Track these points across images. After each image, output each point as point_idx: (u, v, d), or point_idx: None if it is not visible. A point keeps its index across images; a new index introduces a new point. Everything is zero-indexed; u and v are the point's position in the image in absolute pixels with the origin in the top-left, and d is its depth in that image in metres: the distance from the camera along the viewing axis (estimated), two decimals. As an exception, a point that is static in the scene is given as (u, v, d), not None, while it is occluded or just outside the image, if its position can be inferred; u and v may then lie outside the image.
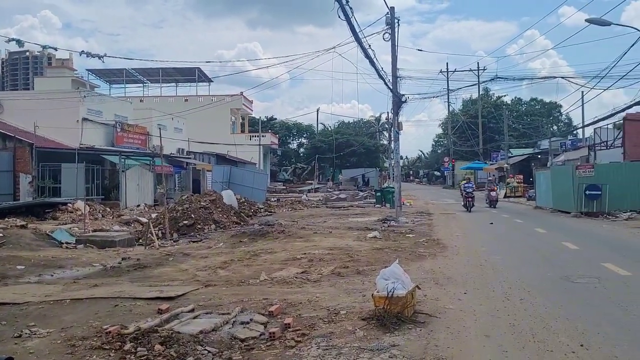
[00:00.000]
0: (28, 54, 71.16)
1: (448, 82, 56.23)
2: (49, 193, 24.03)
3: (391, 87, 21.58)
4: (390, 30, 20.63)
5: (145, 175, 28.12)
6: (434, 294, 7.41)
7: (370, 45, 17.98)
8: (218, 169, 34.54)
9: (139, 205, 25.97)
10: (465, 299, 7.11)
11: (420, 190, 59.15)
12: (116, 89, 56.48)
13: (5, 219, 16.57)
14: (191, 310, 6.45)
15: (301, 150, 78.61)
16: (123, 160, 26.42)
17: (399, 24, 21.02)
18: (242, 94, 54.13)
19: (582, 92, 37.42)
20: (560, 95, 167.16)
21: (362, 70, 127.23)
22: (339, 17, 12.39)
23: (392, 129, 23.13)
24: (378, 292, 6.03)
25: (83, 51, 16.95)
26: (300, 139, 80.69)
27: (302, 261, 10.52)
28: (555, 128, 71.88)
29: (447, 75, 57.47)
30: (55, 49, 23.00)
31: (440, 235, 14.95)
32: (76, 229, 16.63)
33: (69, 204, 21.12)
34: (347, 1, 12.37)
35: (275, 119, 77.21)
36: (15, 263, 10.51)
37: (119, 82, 55.26)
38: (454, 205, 29.61)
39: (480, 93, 64.95)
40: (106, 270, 10.31)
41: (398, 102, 22.20)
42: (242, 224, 19.02)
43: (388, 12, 20.56)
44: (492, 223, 18.86)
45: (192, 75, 53.12)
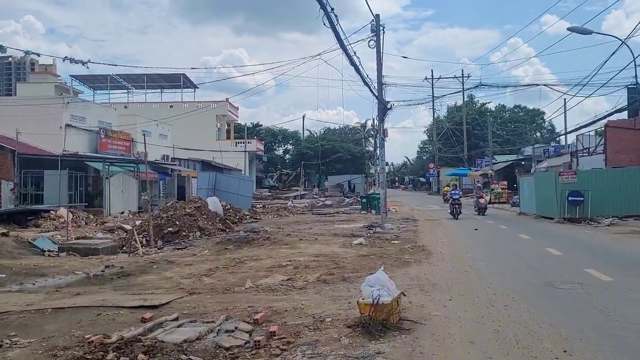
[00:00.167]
0: (11, 59, 70.61)
1: (433, 89, 56.66)
2: (31, 200, 23.75)
3: (376, 94, 21.68)
4: (375, 38, 20.77)
5: (129, 182, 27.92)
6: (419, 300, 7.42)
7: (355, 53, 18.10)
8: (203, 175, 34.38)
9: (123, 213, 25.74)
10: (450, 306, 7.14)
11: (406, 196, 59.39)
12: (100, 95, 56.23)
13: (-14, 227, 16.33)
14: (175, 319, 6.40)
15: (287, 156, 78.58)
16: (107, 167, 26.21)
17: (384, 31, 21.20)
18: (228, 100, 54.00)
19: (565, 100, 37.89)
20: (543, 102, 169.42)
21: (348, 77, 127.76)
22: (325, 25, 12.44)
23: (378, 135, 23.22)
24: (363, 299, 6.03)
25: (67, 57, 16.87)
26: (286, 146, 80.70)
27: (288, 268, 10.49)
28: (538, 135, 72.72)
29: (432, 82, 57.94)
30: (38, 55, 22.79)
31: (426, 242, 15.01)
32: (59, 236, 16.45)
33: (51, 211, 20.88)
34: (332, 9, 12.43)
35: (261, 125, 77.22)
36: (-5, 272, 10.35)
37: (103, 88, 54.94)
38: (439, 212, 29.76)
39: (465, 100, 65.53)
40: (89, 278, 10.19)
41: (383, 109, 22.31)
42: (228, 230, 18.93)
43: (373, 20, 20.70)
44: (477, 229, 18.98)
45: (178, 81, 52.97)
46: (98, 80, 52.71)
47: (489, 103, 76.72)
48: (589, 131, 35.31)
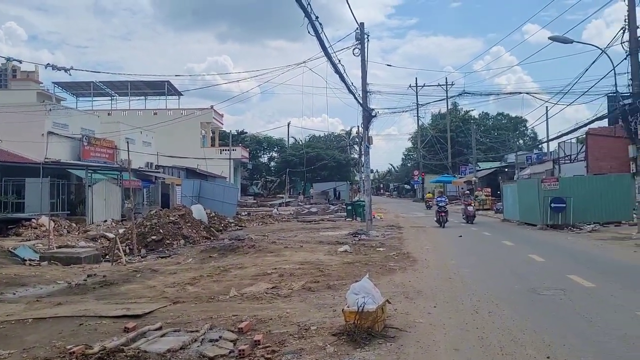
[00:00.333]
0: (-8, 65, 69.69)
1: (417, 97, 57.09)
2: (12, 208, 23.37)
3: (361, 102, 21.77)
4: (360, 46, 20.88)
5: (112, 189, 27.66)
6: (404, 308, 7.43)
7: (340, 60, 18.20)
8: (188, 183, 34.17)
9: (106, 221, 25.48)
10: (435, 313, 7.16)
11: (391, 203, 59.59)
12: (83, 102, 55.75)
13: (-35, 236, 16.06)
14: (159, 328, 6.33)
15: (272, 164, 78.45)
16: (90, 174, 25.95)
17: (368, 40, 21.31)
18: (213, 107, 53.83)
19: (547, 108, 38.56)
20: (525, 110, 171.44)
21: (333, 85, 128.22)
22: (309, 33, 12.48)
23: (363, 142, 23.29)
24: (348, 307, 6.02)
25: (49, 64, 16.61)
26: (271, 153, 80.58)
27: (273, 276, 10.44)
28: (521, 142, 73.57)
29: (416, 90, 58.36)
30: (20, 62, 22.45)
31: (411, 249, 15.06)
32: (40, 245, 16.23)
33: (32, 220, 20.61)
34: (317, 17, 12.49)
35: (246, 132, 77.04)
36: (-25, 281, 10.17)
37: (86, 95, 54.49)
38: (423, 219, 29.89)
39: (449, 108, 66.05)
40: (71, 287, 10.05)
41: (368, 117, 22.40)
42: (212, 238, 18.82)
43: (358, 28, 20.82)
44: (461, 236, 19.10)
45: (162, 88, 52.71)
46: (81, 87, 52.25)
47: (472, 111, 77.61)
48: (571, 139, 35.77)
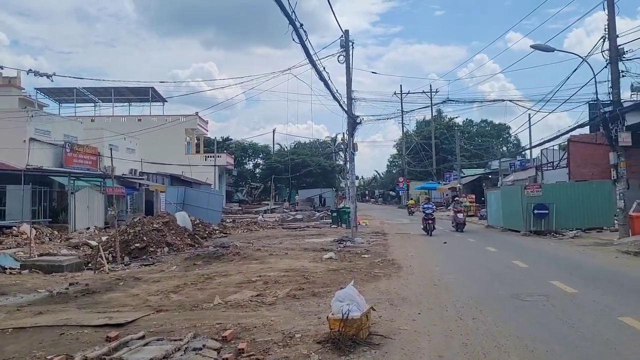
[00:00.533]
0: (-28, 71, 68.66)
1: (402, 104, 57.42)
2: (-7, 216, 23.04)
3: (346, 109, 21.83)
4: (344, 53, 20.96)
5: (95, 197, 27.39)
6: (388, 315, 7.44)
7: (325, 68, 18.27)
8: (172, 190, 33.94)
9: (88, 228, 25.20)
10: (419, 320, 7.18)
11: (376, 210, 59.72)
12: (66, 108, 55.22)
13: (-56, 244, 15.77)
14: (141, 337, 6.27)
15: (257, 170, 78.27)
16: (72, 181, 25.66)
17: (353, 47, 21.38)
18: (197, 114, 53.61)
19: (529, 115, 38.97)
20: (508, 117, 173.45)
21: (318, 92, 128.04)
22: (294, 41, 12.50)
23: (348, 149, 23.33)
24: (333, 315, 6.01)
25: (31, 70, 16.48)
26: (256, 160, 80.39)
27: (257, 284, 10.40)
28: (504, 149, 74.33)
29: (401, 97, 58.71)
30: (2, 67, 22.22)
31: (395, 256, 15.09)
32: (21, 253, 15.99)
33: (13, 228, 20.33)
34: (302, 24, 12.51)
35: (231, 139, 76.78)
36: (-47, 291, 9.98)
37: (69, 102, 53.97)
38: (408, 225, 29.98)
39: (433, 115, 66.54)
40: (52, 296, 9.90)
41: (353, 124, 22.46)
42: (197, 246, 18.69)
43: (343, 35, 20.90)
44: (446, 242, 19.20)
45: (146, 94, 52.40)
46: (64, 93, 51.71)
47: (456, 118, 78.26)
48: (553, 146, 36.20)
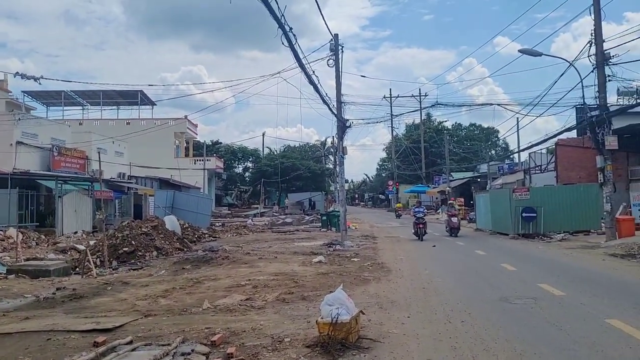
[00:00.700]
0: (-42, 74, 67.90)
1: (391, 108, 57.61)
2: (-22, 220, 22.77)
3: (335, 112, 21.87)
4: (334, 57, 21.00)
5: (83, 200, 27.16)
6: (378, 318, 7.44)
7: (314, 71, 18.22)
8: (161, 193, 33.76)
9: (76, 232, 24.98)
10: (408, 323, 7.18)
11: (366, 213, 59.83)
12: (54, 111, 54.76)
13: None
14: (129, 342, 6.21)
15: (247, 174, 78.07)
16: (60, 185, 25.43)
17: (343, 51, 21.47)
18: (187, 117, 53.43)
19: (517, 119, 39.16)
20: (497, 121, 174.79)
21: (307, 95, 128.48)
22: (283, 44, 12.50)
23: (337, 153, 23.36)
24: (322, 319, 6.00)
25: (18, 72, 16.36)
26: (246, 163, 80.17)
27: (247, 288, 10.36)
28: (493, 152, 74.79)
29: (391, 100, 58.90)
30: (-12, 70, 22.03)
31: (385, 259, 15.11)
32: (7, 258, 15.82)
33: (0, 232, 20.07)
34: (291, 28, 12.52)
35: (221, 142, 76.49)
36: (-63, 296, 9.84)
37: (57, 105, 53.50)
38: (398, 229, 30.05)
39: (423, 118, 66.86)
40: (39, 301, 9.79)
41: (342, 127, 22.50)
42: (185, 250, 18.60)
43: (332, 39, 20.95)
44: (435, 246, 19.26)
45: (135, 98, 52.10)
46: (51, 96, 51.27)
47: (445, 121, 78.69)
48: (541, 149, 36.56)
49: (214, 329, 6.90)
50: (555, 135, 25.70)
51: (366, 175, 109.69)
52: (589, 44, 18.29)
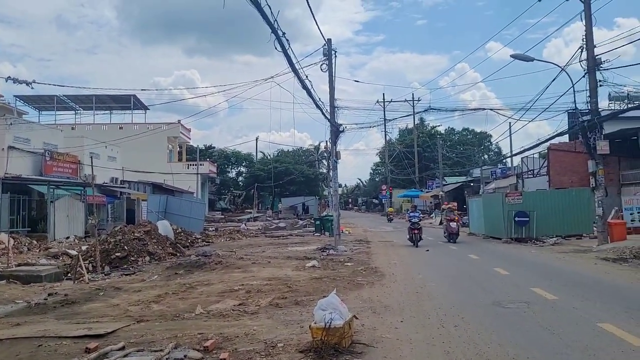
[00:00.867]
0: (-51, 78, 67.50)
1: (385, 112, 57.70)
2: (-31, 225, 22.60)
3: (329, 117, 21.89)
4: (327, 61, 21.03)
5: (75, 205, 27.03)
6: (371, 323, 7.44)
7: (307, 76, 18.29)
8: (154, 198, 33.61)
9: (68, 238, 24.84)
10: (401, 328, 7.19)
11: (359, 218, 59.85)
12: (46, 116, 54.54)
13: None
14: (121, 348, 6.18)
15: (240, 178, 77.94)
16: (52, 190, 25.29)
17: (336, 55, 21.47)
18: (180, 122, 53.29)
19: (510, 123, 39.46)
20: (489, 125, 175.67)
21: (301, 100, 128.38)
22: (276, 49, 12.53)
23: (331, 157, 23.36)
24: (316, 323, 5.99)
25: (10, 77, 16.26)
26: (239, 168, 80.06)
27: (240, 293, 10.33)
28: (486, 157, 75.10)
29: (384, 105, 59.01)
30: (-20, 74, 21.90)
31: (378, 264, 15.11)
32: (-2, 263, 15.69)
33: (-9, 237, 19.90)
34: (284, 33, 12.56)
35: (214, 147, 76.37)
36: None
37: (49, 109, 53.25)
38: (391, 233, 30.06)
39: (416, 123, 67.01)
40: (30, 307, 9.72)
41: (336, 132, 22.52)
42: (178, 255, 18.54)
43: (325, 44, 20.99)
44: (428, 250, 19.29)
45: (127, 102, 51.96)
46: (44, 100, 51.04)
47: (439, 126, 79.04)
48: (533, 154, 36.70)
49: (206, 334, 6.88)
50: (547, 140, 25.93)
51: (360, 179, 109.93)
52: (580, 50, 18.42)
